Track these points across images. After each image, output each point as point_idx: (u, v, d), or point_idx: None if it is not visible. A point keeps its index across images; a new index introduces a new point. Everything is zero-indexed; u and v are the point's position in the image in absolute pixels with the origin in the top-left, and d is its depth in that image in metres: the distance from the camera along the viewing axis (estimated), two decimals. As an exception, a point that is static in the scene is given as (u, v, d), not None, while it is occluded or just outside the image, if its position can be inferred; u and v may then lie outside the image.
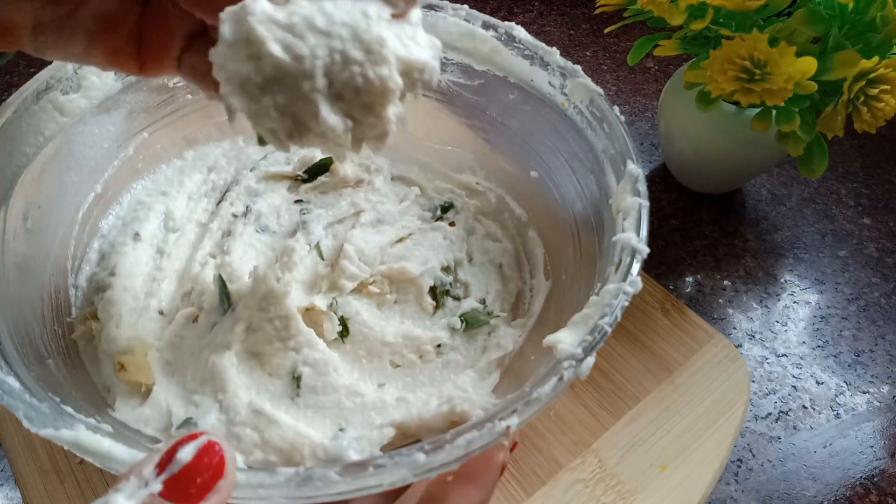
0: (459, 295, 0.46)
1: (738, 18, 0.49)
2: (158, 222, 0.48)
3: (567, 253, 0.43)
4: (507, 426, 0.27)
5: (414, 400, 0.39)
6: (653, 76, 0.79)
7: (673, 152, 0.64)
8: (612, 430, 0.45)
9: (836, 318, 0.57)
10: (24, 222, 0.39)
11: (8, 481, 0.46)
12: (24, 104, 0.39)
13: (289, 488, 0.26)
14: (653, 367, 0.48)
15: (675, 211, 0.64)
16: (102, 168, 0.47)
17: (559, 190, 0.45)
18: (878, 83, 0.44)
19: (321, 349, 0.40)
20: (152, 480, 0.21)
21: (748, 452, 0.49)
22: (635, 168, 0.37)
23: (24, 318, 0.37)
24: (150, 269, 0.46)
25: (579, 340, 0.31)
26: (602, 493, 0.42)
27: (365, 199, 0.50)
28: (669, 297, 0.52)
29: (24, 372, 0.32)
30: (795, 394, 0.52)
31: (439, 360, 0.43)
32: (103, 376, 0.40)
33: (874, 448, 0.49)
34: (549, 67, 0.42)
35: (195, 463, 0.22)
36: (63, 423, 0.27)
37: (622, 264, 0.33)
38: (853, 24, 0.46)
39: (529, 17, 0.87)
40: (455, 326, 0.44)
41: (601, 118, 0.40)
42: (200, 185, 0.52)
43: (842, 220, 0.64)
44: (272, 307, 0.40)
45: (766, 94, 0.45)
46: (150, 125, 0.49)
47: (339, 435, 0.36)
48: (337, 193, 0.51)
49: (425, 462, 0.26)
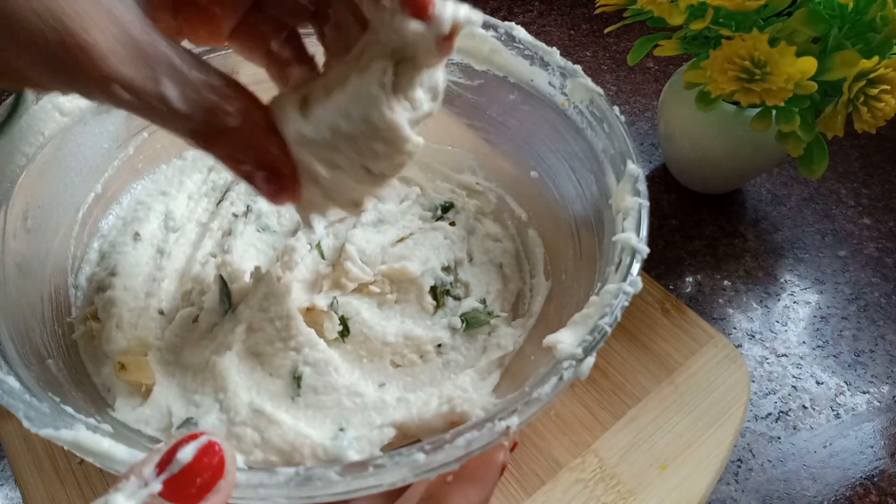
0: (460, 295, 0.46)
1: (738, 18, 0.49)
2: (159, 222, 0.48)
3: (567, 253, 0.43)
4: (507, 426, 0.27)
5: (414, 400, 0.39)
6: (653, 76, 0.79)
7: (673, 152, 0.64)
8: (612, 430, 0.45)
9: (836, 318, 0.57)
10: (24, 222, 0.39)
11: (8, 481, 0.46)
12: (25, 104, 0.39)
13: (289, 488, 0.26)
14: (653, 367, 0.48)
15: (675, 211, 0.64)
16: (102, 168, 0.47)
17: (559, 190, 0.45)
18: (878, 83, 0.44)
19: (322, 349, 0.40)
20: (152, 480, 0.21)
21: (748, 452, 0.49)
22: (635, 168, 0.37)
23: (24, 318, 0.37)
24: (151, 269, 0.46)
25: (579, 340, 0.31)
26: (602, 493, 0.42)
27: None
28: (669, 297, 0.52)
29: (24, 372, 0.32)
30: (795, 394, 0.52)
31: (440, 359, 0.43)
32: (103, 376, 0.40)
33: (874, 448, 0.49)
34: (549, 67, 0.42)
35: (195, 463, 0.22)
36: (63, 423, 0.27)
37: (622, 264, 0.33)
38: (853, 24, 0.46)
39: (529, 17, 0.87)
40: (455, 326, 0.44)
41: (601, 118, 0.40)
42: (201, 184, 0.51)
43: (842, 220, 0.64)
44: (273, 307, 0.40)
45: (766, 94, 0.45)
46: (150, 125, 0.49)
47: (339, 435, 0.36)
48: None
49: (425, 462, 0.26)
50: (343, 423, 0.38)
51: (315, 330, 0.41)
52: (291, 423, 0.36)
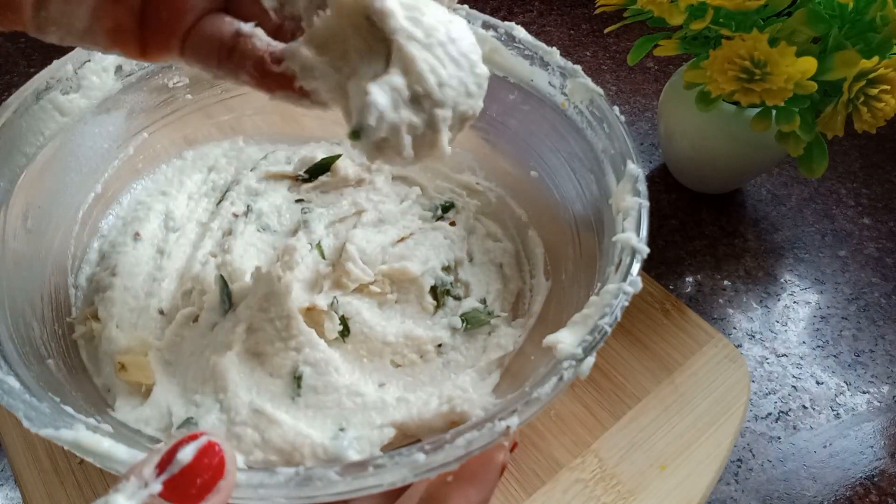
0: (460, 294, 0.46)
1: (738, 18, 0.49)
2: (159, 222, 0.48)
3: (567, 253, 0.43)
4: (507, 426, 0.27)
5: (414, 400, 0.39)
6: (653, 76, 0.79)
7: (673, 152, 0.64)
8: (612, 430, 0.45)
9: (836, 318, 0.57)
10: (24, 222, 0.39)
11: (8, 481, 0.46)
12: (24, 104, 0.39)
13: (289, 488, 0.26)
14: (653, 367, 0.48)
15: (675, 211, 0.64)
16: (102, 168, 0.47)
17: (559, 190, 0.45)
18: (878, 83, 0.44)
19: (322, 349, 0.40)
20: (152, 481, 0.21)
21: (748, 452, 0.49)
22: (635, 168, 0.37)
23: (24, 318, 0.37)
24: (151, 269, 0.46)
25: (579, 340, 0.31)
26: (602, 493, 0.42)
27: (366, 198, 0.50)
28: (669, 297, 0.52)
29: (24, 372, 0.32)
30: (795, 394, 0.52)
31: (440, 359, 0.43)
32: (103, 376, 0.40)
33: (874, 448, 0.49)
34: (549, 67, 0.42)
35: (195, 463, 0.22)
36: (63, 423, 0.27)
37: (622, 264, 0.33)
38: (853, 24, 0.46)
39: (529, 17, 0.87)
40: (455, 326, 0.44)
41: (601, 118, 0.40)
42: (201, 184, 0.52)
43: (842, 220, 0.64)
44: (273, 307, 0.40)
45: (766, 94, 0.45)
46: (150, 125, 0.49)
47: (339, 435, 0.36)
48: (338, 193, 0.51)
49: (425, 462, 0.26)
50: (343, 422, 0.38)
51: (315, 330, 0.41)
52: (291, 423, 0.36)
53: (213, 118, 0.53)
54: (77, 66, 0.42)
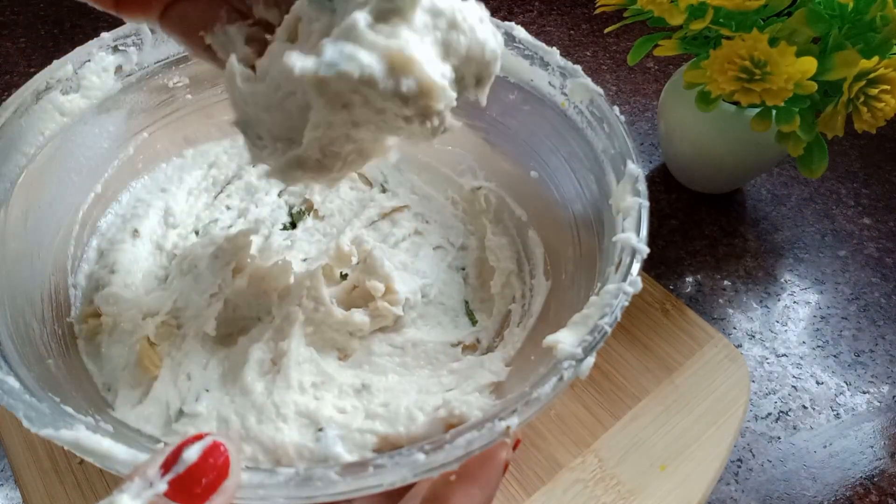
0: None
1: (738, 18, 0.49)
2: (158, 219, 0.48)
3: (567, 253, 0.43)
4: (507, 426, 0.27)
5: (408, 403, 0.38)
6: (653, 76, 0.79)
7: (673, 152, 0.64)
8: (612, 430, 0.45)
9: (836, 318, 0.57)
10: (24, 222, 0.39)
11: (8, 481, 0.46)
12: (24, 104, 0.39)
13: (289, 488, 0.26)
14: (653, 367, 0.48)
15: (675, 211, 0.64)
16: (102, 168, 0.47)
17: (559, 190, 0.45)
18: (878, 83, 0.44)
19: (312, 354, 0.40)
20: (157, 481, 0.21)
21: (748, 452, 0.49)
22: (635, 168, 0.37)
23: (23, 317, 0.37)
24: (149, 265, 0.46)
25: (579, 340, 0.31)
26: (602, 493, 0.42)
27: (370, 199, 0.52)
28: (669, 297, 0.52)
29: (24, 372, 0.32)
30: (795, 394, 0.52)
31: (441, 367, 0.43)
32: (104, 375, 0.40)
33: (874, 448, 0.49)
34: (549, 67, 0.42)
35: (200, 463, 0.22)
36: (63, 423, 0.27)
37: (622, 264, 0.33)
38: (853, 24, 0.46)
39: (529, 17, 0.87)
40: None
41: (601, 118, 0.40)
42: (200, 180, 0.52)
43: (842, 220, 0.64)
44: (271, 304, 0.41)
45: (766, 94, 0.45)
46: (150, 125, 0.49)
47: (319, 435, 0.36)
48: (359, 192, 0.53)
49: (425, 462, 0.26)
50: (324, 423, 0.37)
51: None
52: (274, 423, 0.36)
53: (213, 118, 0.52)
54: (77, 66, 0.42)
